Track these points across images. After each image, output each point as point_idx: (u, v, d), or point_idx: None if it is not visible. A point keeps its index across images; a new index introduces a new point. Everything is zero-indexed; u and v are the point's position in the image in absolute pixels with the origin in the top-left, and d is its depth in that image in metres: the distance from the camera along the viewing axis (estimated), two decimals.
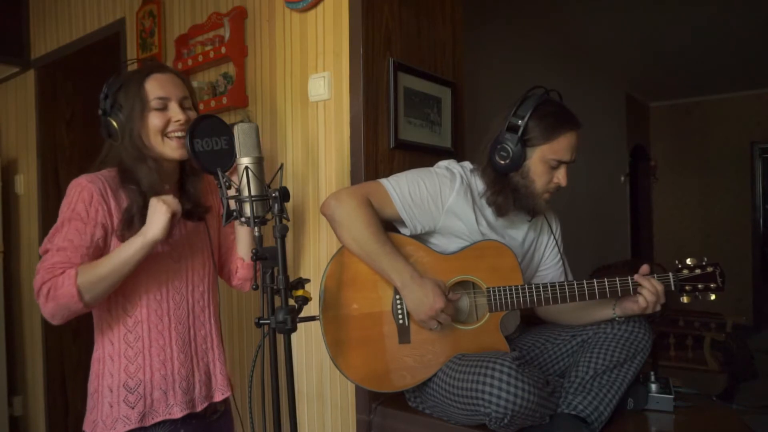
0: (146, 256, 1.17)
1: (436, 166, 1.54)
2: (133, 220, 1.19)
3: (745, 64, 5.06)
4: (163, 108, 1.23)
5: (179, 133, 1.24)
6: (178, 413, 1.24)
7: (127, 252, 1.14)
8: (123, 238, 1.19)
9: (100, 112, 1.25)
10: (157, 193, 1.23)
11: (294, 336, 1.32)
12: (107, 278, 1.13)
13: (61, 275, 1.12)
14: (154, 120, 1.22)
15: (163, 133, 1.23)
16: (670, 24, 4.02)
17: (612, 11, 3.77)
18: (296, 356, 1.81)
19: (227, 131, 1.26)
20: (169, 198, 1.18)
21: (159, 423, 1.22)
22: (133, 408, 1.20)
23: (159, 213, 1.15)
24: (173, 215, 1.16)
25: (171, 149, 1.24)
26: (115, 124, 1.23)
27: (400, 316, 1.44)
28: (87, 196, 1.17)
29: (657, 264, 5.13)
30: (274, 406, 1.20)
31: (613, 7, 3.67)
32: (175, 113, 1.23)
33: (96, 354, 1.25)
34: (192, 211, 1.30)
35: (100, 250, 1.19)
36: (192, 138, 1.20)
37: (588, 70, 4.79)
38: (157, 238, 1.14)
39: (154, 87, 1.22)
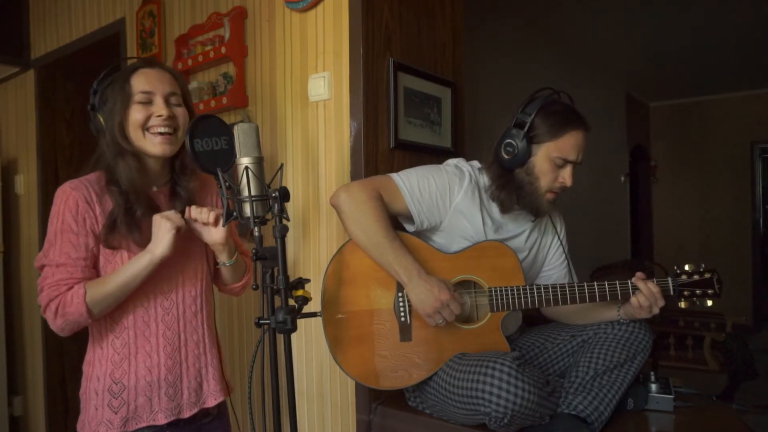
0: (153, 272, 1.18)
1: (445, 164, 1.55)
2: (116, 223, 1.18)
3: (745, 64, 5.06)
4: (147, 102, 1.21)
5: (161, 129, 1.21)
6: (162, 420, 1.22)
7: (134, 269, 1.16)
8: (107, 242, 1.18)
9: (89, 107, 1.24)
10: (140, 193, 1.21)
11: (294, 336, 1.32)
12: (114, 294, 1.16)
13: (68, 292, 1.14)
14: (136, 114, 1.20)
15: (144, 127, 1.21)
16: (670, 24, 4.02)
17: (612, 11, 3.77)
18: (296, 356, 1.81)
19: (227, 131, 1.25)
20: (171, 213, 1.18)
21: (142, 428, 1.21)
22: (116, 413, 1.19)
23: (164, 230, 1.15)
24: (178, 230, 1.16)
25: (152, 145, 1.21)
26: (101, 119, 1.21)
27: (402, 314, 1.44)
28: (73, 204, 1.16)
29: (657, 264, 5.13)
30: (274, 406, 1.20)
31: (613, 7, 3.67)
32: (158, 108, 1.21)
33: (87, 357, 1.25)
34: (183, 214, 1.28)
35: (95, 258, 1.19)
36: (192, 138, 1.19)
37: (588, 70, 4.79)
38: (165, 255, 1.16)
39: (140, 81, 1.21)
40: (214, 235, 1.24)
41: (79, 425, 1.23)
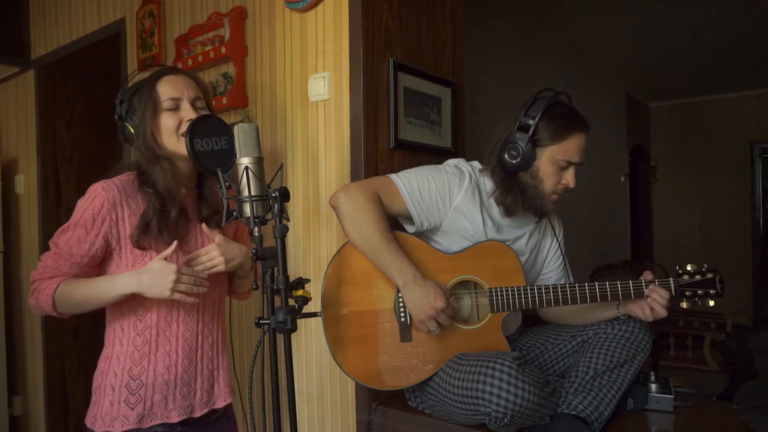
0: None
1: (445, 164, 1.55)
2: (149, 225, 1.20)
3: (745, 64, 5.05)
4: (175, 108, 1.24)
5: None
6: (175, 418, 1.24)
7: (109, 291, 1.17)
8: (138, 243, 1.20)
9: (116, 117, 1.27)
10: (173, 195, 1.23)
11: (294, 336, 1.32)
12: (82, 304, 1.19)
13: (48, 280, 1.18)
14: (167, 120, 1.23)
15: (178, 133, 1.24)
16: (669, 24, 4.02)
17: (612, 11, 3.77)
18: (296, 356, 1.81)
19: (227, 131, 1.25)
20: (183, 272, 1.16)
21: (156, 425, 1.23)
22: (132, 409, 1.21)
23: (163, 287, 1.14)
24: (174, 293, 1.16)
25: (184, 147, 1.23)
26: (130, 128, 1.24)
27: (402, 314, 1.44)
28: (98, 204, 1.18)
29: (657, 264, 5.13)
30: (274, 405, 1.20)
31: (614, 7, 3.67)
32: (187, 113, 1.24)
33: (104, 352, 1.26)
34: (209, 218, 1.30)
35: (97, 259, 1.22)
36: (192, 138, 1.20)
37: (588, 70, 4.79)
38: (145, 295, 1.16)
39: (166, 88, 1.24)
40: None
41: (89, 420, 1.24)
